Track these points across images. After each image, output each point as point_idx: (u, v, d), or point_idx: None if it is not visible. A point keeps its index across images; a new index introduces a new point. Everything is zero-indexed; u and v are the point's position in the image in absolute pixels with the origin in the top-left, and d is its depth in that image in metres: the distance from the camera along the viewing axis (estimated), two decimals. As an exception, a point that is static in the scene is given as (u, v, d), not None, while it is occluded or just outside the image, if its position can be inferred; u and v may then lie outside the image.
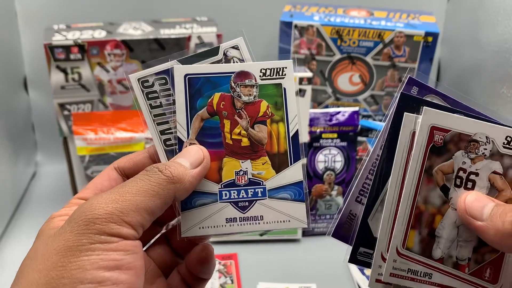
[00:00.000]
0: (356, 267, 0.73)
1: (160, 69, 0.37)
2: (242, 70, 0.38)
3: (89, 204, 0.31)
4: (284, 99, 0.38)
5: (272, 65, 0.39)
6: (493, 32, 0.80)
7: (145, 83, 0.37)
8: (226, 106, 0.37)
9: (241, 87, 0.38)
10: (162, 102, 0.37)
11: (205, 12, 0.86)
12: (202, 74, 0.37)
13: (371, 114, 0.81)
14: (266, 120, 0.38)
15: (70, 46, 0.71)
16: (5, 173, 0.80)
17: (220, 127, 0.37)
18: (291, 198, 0.38)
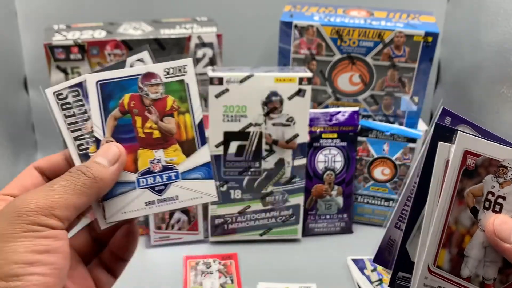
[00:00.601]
0: (356, 267, 0.73)
1: (73, 83, 0.42)
2: (148, 71, 0.43)
3: (22, 199, 0.35)
4: (187, 93, 0.43)
5: (174, 65, 0.43)
6: (493, 32, 0.81)
7: (60, 96, 0.42)
8: (136, 104, 0.42)
9: (148, 86, 0.42)
10: (75, 112, 0.42)
11: (205, 12, 0.86)
12: (112, 79, 0.42)
13: (371, 114, 0.81)
14: (173, 113, 0.43)
15: (70, 46, 0.72)
16: (5, 173, 0.80)
17: (133, 123, 0.42)
18: (201, 177, 0.43)
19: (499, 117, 0.79)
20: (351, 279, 0.72)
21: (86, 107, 0.42)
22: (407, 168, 0.80)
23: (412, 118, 0.81)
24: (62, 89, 0.41)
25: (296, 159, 0.75)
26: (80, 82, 0.42)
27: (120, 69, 0.42)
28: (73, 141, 0.42)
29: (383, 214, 0.83)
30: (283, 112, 0.72)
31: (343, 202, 0.80)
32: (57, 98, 0.42)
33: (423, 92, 0.79)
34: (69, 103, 0.41)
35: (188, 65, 0.43)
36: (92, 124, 0.42)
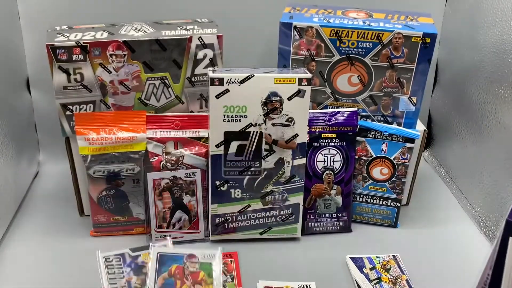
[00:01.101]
0: (355, 266, 0.74)
1: (118, 253, 0.67)
2: (191, 253, 0.67)
3: None
4: (213, 272, 0.67)
5: (208, 252, 0.68)
6: (490, 33, 0.81)
7: (108, 259, 0.66)
8: (179, 273, 0.65)
9: (189, 262, 0.67)
10: (115, 271, 0.64)
11: (205, 13, 0.87)
12: (168, 253, 0.67)
13: (369, 114, 0.82)
14: (202, 283, 0.64)
15: (72, 47, 0.72)
16: (8, 173, 0.81)
17: (174, 285, 0.64)
18: None
19: (496, 118, 0.79)
20: (350, 277, 0.73)
21: (123, 270, 0.65)
22: (405, 167, 0.80)
23: (410, 119, 0.81)
24: (110, 255, 0.66)
25: (296, 159, 0.75)
26: (123, 253, 0.67)
27: (173, 247, 0.67)
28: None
29: (382, 213, 0.84)
30: (283, 113, 0.72)
31: (342, 201, 0.81)
32: (105, 260, 0.66)
33: (421, 93, 0.79)
34: (112, 265, 0.65)
35: (217, 254, 0.68)
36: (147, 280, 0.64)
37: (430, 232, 0.83)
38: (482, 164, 0.84)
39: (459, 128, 0.93)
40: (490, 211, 0.81)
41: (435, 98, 1.03)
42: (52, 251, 0.77)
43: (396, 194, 0.82)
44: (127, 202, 0.78)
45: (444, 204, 0.91)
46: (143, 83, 0.77)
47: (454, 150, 0.95)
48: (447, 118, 0.98)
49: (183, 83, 0.78)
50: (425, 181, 0.96)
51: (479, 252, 0.78)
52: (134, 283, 0.65)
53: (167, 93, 0.78)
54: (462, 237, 0.82)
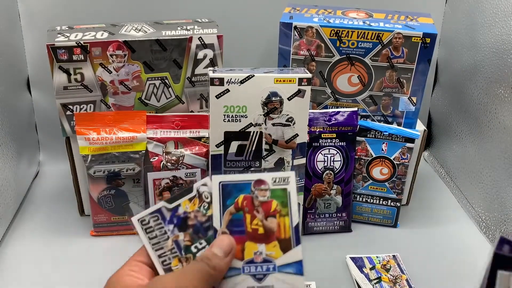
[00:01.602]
0: (355, 266, 0.74)
1: (152, 210, 0.51)
2: (259, 178, 0.52)
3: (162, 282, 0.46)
4: (288, 200, 0.51)
5: (280, 175, 0.52)
6: (490, 33, 0.81)
7: (143, 222, 0.51)
8: (247, 204, 0.51)
9: (258, 190, 0.51)
10: (157, 234, 0.51)
11: (206, 13, 0.87)
12: (231, 181, 0.52)
13: (369, 114, 0.82)
14: (276, 215, 0.51)
15: (72, 47, 0.72)
16: (8, 173, 0.81)
17: (243, 219, 0.50)
18: (293, 272, 0.50)
19: (496, 118, 0.79)
20: (350, 277, 0.73)
21: (165, 229, 0.51)
22: (405, 167, 0.80)
23: (410, 119, 0.81)
24: (144, 216, 0.51)
25: (296, 158, 0.75)
26: (158, 208, 0.51)
27: (239, 174, 0.52)
28: (157, 258, 0.50)
29: (382, 213, 0.84)
30: (283, 113, 0.72)
31: (342, 201, 0.81)
32: (141, 224, 0.51)
33: (421, 93, 0.79)
34: (151, 227, 0.51)
35: (291, 177, 0.52)
36: (212, 216, 0.51)
37: (430, 232, 0.83)
38: (482, 164, 0.84)
39: (459, 128, 0.93)
40: (490, 211, 0.81)
41: (435, 98, 1.04)
42: (52, 251, 0.77)
43: (396, 194, 0.82)
44: (127, 202, 0.78)
45: (444, 204, 0.91)
46: (144, 83, 0.77)
47: (454, 150, 0.95)
48: (447, 118, 0.98)
49: (183, 83, 0.78)
50: (425, 181, 0.97)
51: (479, 252, 0.79)
52: (183, 241, 0.52)
53: (167, 93, 0.78)
54: (462, 237, 0.82)
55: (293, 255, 0.50)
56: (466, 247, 0.80)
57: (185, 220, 0.51)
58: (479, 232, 0.83)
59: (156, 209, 0.51)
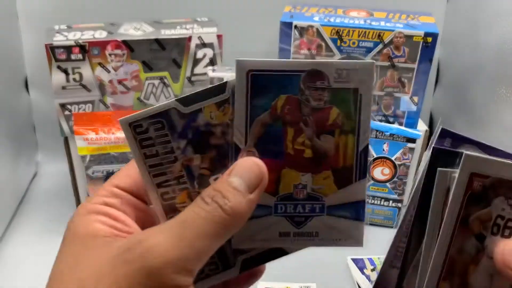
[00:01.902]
0: (356, 267, 0.73)
1: (155, 111, 0.32)
2: (315, 69, 0.32)
3: (147, 247, 0.28)
4: (358, 107, 0.33)
5: (351, 66, 0.32)
6: (492, 33, 0.81)
7: (138, 129, 0.32)
8: (291, 111, 0.33)
9: (311, 90, 0.32)
10: (158, 150, 0.33)
11: (205, 12, 0.87)
12: (268, 70, 0.32)
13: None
14: (334, 130, 0.33)
15: (71, 47, 0.72)
16: (6, 173, 0.81)
17: (282, 134, 0.33)
18: (350, 217, 0.34)
19: (498, 118, 0.79)
20: (351, 278, 0.72)
21: (173, 145, 0.33)
22: (406, 168, 0.80)
23: (412, 118, 0.81)
24: (141, 119, 0.32)
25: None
26: (165, 111, 0.32)
27: (280, 60, 0.33)
28: (155, 188, 0.33)
29: (383, 214, 0.83)
30: (283, 112, 0.72)
31: (343, 202, 0.80)
32: (134, 131, 0.32)
33: (422, 92, 0.79)
34: (151, 139, 0.33)
35: (369, 70, 0.32)
36: (234, 127, 0.33)
37: (432, 233, 0.83)
38: (484, 165, 0.83)
39: (461, 128, 0.92)
40: (492, 211, 0.81)
41: (436, 98, 1.03)
42: (50, 251, 0.76)
43: (398, 195, 0.82)
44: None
45: (446, 205, 0.91)
46: (142, 83, 0.76)
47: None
48: (449, 118, 0.98)
49: (182, 83, 0.78)
50: (426, 182, 0.96)
51: (481, 253, 0.78)
52: (198, 168, 0.34)
53: (166, 93, 0.78)
54: (464, 238, 0.82)
55: (352, 192, 0.34)
56: (468, 248, 0.79)
57: (207, 136, 0.33)
58: (481, 233, 0.83)
59: (161, 110, 0.32)
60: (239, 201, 0.30)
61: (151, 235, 0.29)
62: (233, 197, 0.30)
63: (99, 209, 0.32)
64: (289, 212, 0.34)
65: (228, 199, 0.30)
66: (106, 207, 0.32)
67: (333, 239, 0.36)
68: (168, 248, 0.28)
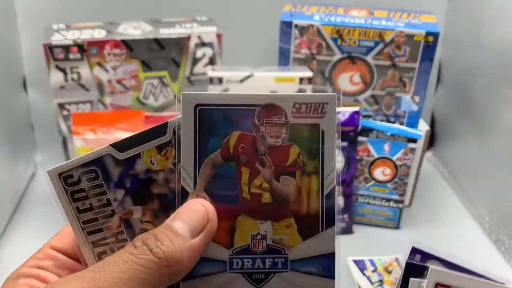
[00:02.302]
0: (356, 268, 0.73)
1: (87, 159, 0.29)
2: (271, 103, 0.29)
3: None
4: (321, 145, 0.30)
5: (310, 99, 0.29)
6: (494, 32, 0.80)
7: (69, 180, 0.29)
8: (246, 149, 0.29)
9: (268, 125, 0.29)
10: (92, 203, 0.29)
11: (205, 11, 0.86)
12: (218, 105, 0.29)
13: (371, 114, 0.81)
14: (295, 171, 0.30)
15: (69, 46, 0.71)
16: (5, 173, 0.80)
17: (237, 176, 0.29)
18: (318, 273, 0.30)
19: (500, 118, 0.78)
20: (351, 279, 0.72)
21: (109, 196, 0.29)
22: (407, 168, 0.79)
23: (413, 118, 0.80)
24: (72, 168, 0.29)
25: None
26: (98, 158, 0.28)
27: (231, 93, 0.29)
28: (90, 247, 0.30)
29: (384, 214, 0.83)
30: (283, 112, 0.71)
31: (343, 203, 0.80)
32: (64, 183, 0.29)
33: (424, 92, 0.78)
34: (84, 190, 0.29)
35: (330, 103, 0.29)
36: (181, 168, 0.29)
37: (433, 233, 0.82)
38: (486, 165, 0.83)
39: (463, 128, 0.92)
40: (493, 212, 0.80)
41: (438, 97, 1.03)
42: (49, 253, 0.76)
43: (399, 195, 0.81)
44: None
45: (447, 205, 0.90)
46: (141, 82, 0.76)
47: (457, 151, 0.94)
48: (450, 118, 0.97)
49: (182, 82, 0.77)
50: (428, 182, 0.95)
51: (482, 253, 0.78)
52: (139, 221, 0.30)
53: (165, 93, 0.77)
54: (465, 238, 0.81)
55: (320, 243, 0.30)
56: (469, 249, 0.79)
57: (148, 185, 0.30)
58: (483, 233, 0.82)
59: (94, 157, 0.29)
60: (178, 246, 0.26)
61: (60, 283, 0.25)
62: (169, 241, 0.26)
63: (30, 273, 0.30)
64: (247, 268, 0.30)
65: (162, 241, 0.26)
66: (37, 269, 0.30)
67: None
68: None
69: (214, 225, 0.28)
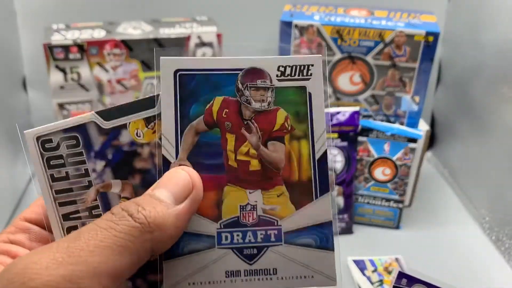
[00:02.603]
0: (356, 268, 0.73)
1: (70, 125, 0.27)
2: (254, 66, 0.28)
3: (24, 265, 0.22)
4: (309, 107, 0.29)
5: (294, 62, 0.28)
6: (494, 32, 0.80)
7: (47, 144, 0.26)
8: (230, 115, 0.28)
9: (252, 90, 0.28)
10: (69, 172, 0.27)
11: (205, 11, 0.86)
12: (199, 70, 0.28)
13: (371, 114, 0.81)
14: (283, 136, 0.29)
15: (69, 46, 0.71)
16: (4, 174, 0.80)
17: (222, 143, 0.28)
18: (315, 245, 0.28)
19: (500, 117, 0.78)
20: (351, 279, 0.72)
21: (88, 166, 0.27)
22: (408, 168, 0.79)
23: (413, 118, 0.80)
24: (52, 133, 0.26)
25: (296, 159, 0.74)
26: (81, 124, 0.26)
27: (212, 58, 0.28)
28: (59, 220, 0.27)
29: (384, 214, 0.83)
30: (283, 112, 0.71)
31: (343, 203, 0.80)
32: (41, 147, 0.26)
33: (424, 92, 0.78)
34: (61, 157, 0.26)
35: (315, 65, 0.28)
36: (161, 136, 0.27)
37: (433, 233, 0.82)
38: (486, 165, 0.83)
39: (463, 128, 0.91)
40: (493, 212, 0.80)
41: (438, 97, 1.02)
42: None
43: (399, 195, 0.81)
44: (125, 203, 0.77)
45: (447, 205, 0.90)
46: (141, 82, 0.76)
47: (457, 150, 0.94)
48: (450, 118, 0.97)
49: (182, 82, 0.77)
50: (428, 182, 0.95)
51: (482, 253, 0.77)
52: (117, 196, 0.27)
53: (165, 93, 0.77)
54: (465, 238, 0.81)
55: (314, 212, 0.28)
56: (470, 249, 0.79)
57: (131, 158, 0.27)
58: (483, 233, 0.82)
59: (77, 123, 0.27)
60: (160, 211, 0.23)
61: (30, 255, 0.23)
62: (151, 206, 0.24)
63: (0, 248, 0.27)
64: (237, 243, 0.27)
65: (143, 207, 0.23)
66: (8, 244, 0.27)
67: (297, 276, 0.27)
68: (50, 266, 0.21)
69: (199, 192, 0.26)
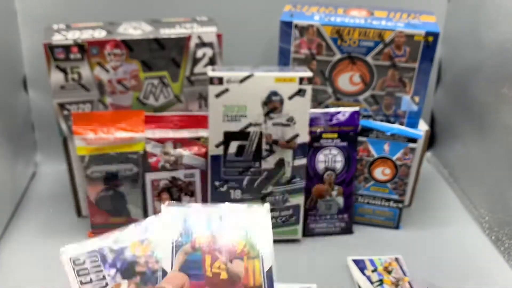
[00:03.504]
0: (356, 267, 0.73)
1: (91, 248, 0.42)
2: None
3: None
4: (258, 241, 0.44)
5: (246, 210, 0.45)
6: (494, 32, 0.80)
7: (77, 262, 0.42)
8: (208, 244, 0.43)
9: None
10: (92, 278, 0.41)
11: (205, 12, 0.86)
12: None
13: (371, 114, 0.81)
14: (243, 257, 0.42)
15: (70, 46, 0.71)
16: (5, 173, 0.80)
17: (202, 261, 0.41)
18: None
19: (500, 117, 0.78)
20: (351, 279, 0.72)
21: (105, 273, 0.41)
22: (407, 168, 0.79)
23: (413, 118, 0.80)
24: (80, 254, 0.42)
25: (296, 159, 0.74)
26: (100, 248, 0.43)
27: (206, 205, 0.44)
28: None
29: (384, 214, 0.83)
30: (283, 112, 0.71)
31: (343, 202, 0.80)
32: (73, 264, 0.42)
33: (423, 92, 0.78)
34: (86, 269, 0.42)
35: (264, 213, 0.47)
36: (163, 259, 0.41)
37: (433, 233, 0.82)
38: (486, 165, 0.83)
39: (462, 128, 0.92)
40: (493, 212, 0.80)
41: (438, 97, 1.03)
42: (49, 253, 0.76)
43: (398, 195, 0.81)
44: (125, 203, 0.77)
45: (447, 205, 0.90)
46: (142, 82, 0.76)
47: (457, 150, 0.94)
48: (450, 118, 0.97)
49: (182, 82, 0.77)
50: (427, 182, 0.95)
51: (481, 253, 0.78)
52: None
53: (165, 93, 0.77)
54: (465, 238, 0.81)
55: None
56: (469, 249, 0.79)
57: (132, 266, 0.42)
58: (482, 233, 0.82)
59: (96, 248, 0.43)
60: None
61: None
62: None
63: None
64: None
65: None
66: None
67: None
68: None
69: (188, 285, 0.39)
